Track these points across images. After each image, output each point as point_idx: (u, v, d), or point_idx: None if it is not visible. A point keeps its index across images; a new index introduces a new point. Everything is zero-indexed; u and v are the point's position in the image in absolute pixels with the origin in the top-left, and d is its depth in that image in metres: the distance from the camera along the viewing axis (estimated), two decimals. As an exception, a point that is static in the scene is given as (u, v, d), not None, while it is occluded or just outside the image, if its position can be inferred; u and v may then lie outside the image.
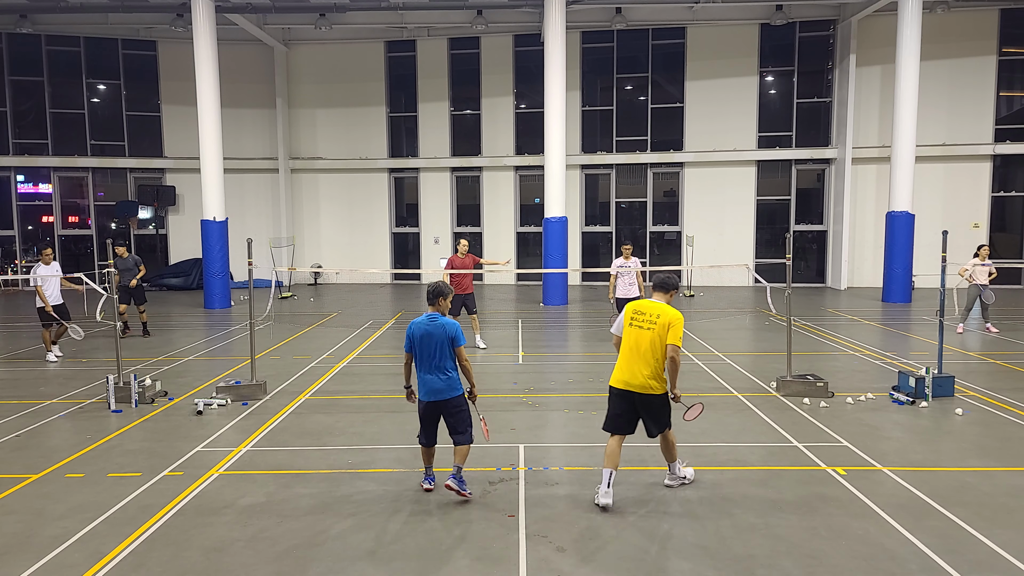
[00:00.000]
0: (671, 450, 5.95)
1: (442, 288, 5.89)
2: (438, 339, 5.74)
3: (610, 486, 5.59)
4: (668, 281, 5.92)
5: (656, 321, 5.63)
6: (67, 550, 4.98)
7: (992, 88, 21.27)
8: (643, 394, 5.67)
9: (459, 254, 12.17)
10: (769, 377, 9.63)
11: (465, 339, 5.93)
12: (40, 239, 24.42)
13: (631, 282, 12.18)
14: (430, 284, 5.93)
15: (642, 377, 5.64)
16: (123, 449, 7.12)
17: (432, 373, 5.79)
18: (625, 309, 5.88)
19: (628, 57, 23.04)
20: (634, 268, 12.13)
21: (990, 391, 9.06)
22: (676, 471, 6.03)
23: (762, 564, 4.70)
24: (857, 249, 22.01)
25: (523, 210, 24.17)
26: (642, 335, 5.66)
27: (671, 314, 5.65)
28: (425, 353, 5.78)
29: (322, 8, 20.77)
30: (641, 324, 5.70)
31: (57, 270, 11.99)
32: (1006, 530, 5.14)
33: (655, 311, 5.69)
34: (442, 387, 5.79)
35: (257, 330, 9.54)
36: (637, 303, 5.84)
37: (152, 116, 24.23)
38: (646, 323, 5.68)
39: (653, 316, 5.66)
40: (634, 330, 5.72)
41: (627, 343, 5.76)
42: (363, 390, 9.58)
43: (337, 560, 4.81)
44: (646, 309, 5.74)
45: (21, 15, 21.61)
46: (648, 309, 5.73)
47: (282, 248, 23.08)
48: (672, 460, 5.99)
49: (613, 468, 5.65)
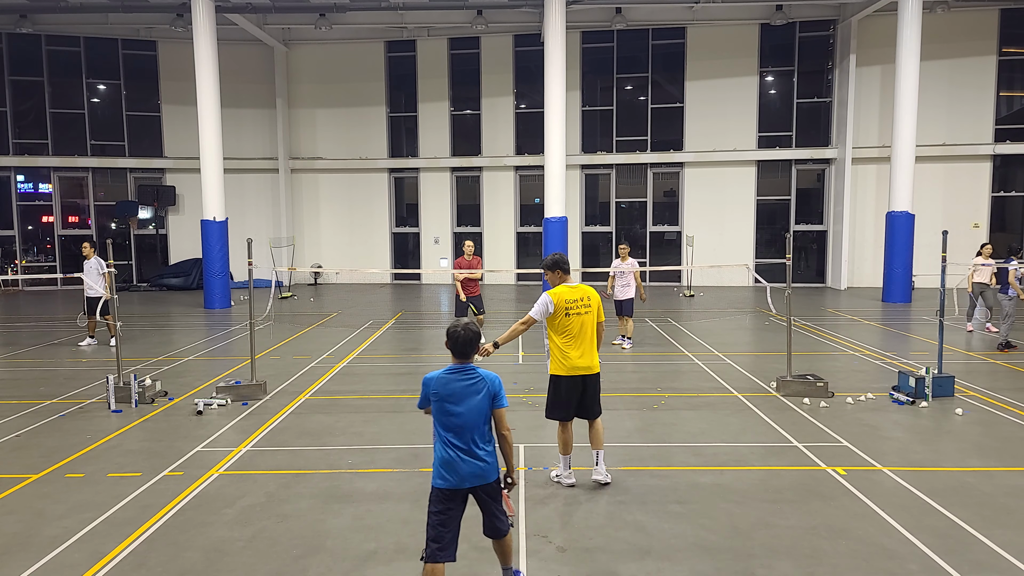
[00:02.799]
0: (601, 436, 6.09)
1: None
2: (474, 402, 4.06)
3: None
4: (562, 262, 6.09)
5: (590, 304, 5.93)
6: (67, 550, 4.97)
7: (992, 88, 21.28)
8: (593, 375, 5.98)
9: (466, 256, 12.18)
10: (769, 377, 9.63)
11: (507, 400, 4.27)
12: (40, 239, 24.44)
13: (626, 283, 12.17)
14: (459, 330, 4.14)
15: (594, 358, 5.98)
16: (123, 449, 7.11)
17: (455, 450, 4.02)
18: (556, 301, 5.88)
19: (628, 57, 23.05)
20: (630, 269, 12.14)
21: (990, 391, 9.05)
22: (602, 462, 6.08)
23: (762, 564, 4.70)
24: (857, 249, 22.01)
25: (523, 210, 24.17)
26: (585, 320, 5.89)
27: (593, 293, 6.01)
28: (451, 420, 4.05)
29: (322, 8, 20.77)
30: (580, 311, 5.88)
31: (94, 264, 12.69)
32: (1006, 530, 5.14)
33: (583, 294, 5.93)
34: (478, 468, 4.04)
35: (257, 330, 9.54)
36: (564, 291, 5.91)
37: (152, 116, 24.24)
38: (583, 308, 5.89)
39: (585, 299, 5.92)
40: (576, 318, 5.87)
41: (574, 331, 5.88)
42: (363, 390, 9.58)
43: (337, 560, 4.81)
44: (576, 295, 5.91)
45: (21, 15, 21.62)
46: (577, 294, 5.91)
47: (282, 248, 23.08)
48: (601, 447, 6.08)
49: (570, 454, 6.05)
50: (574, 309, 5.86)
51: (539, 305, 5.92)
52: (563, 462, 6.04)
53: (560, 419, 6.02)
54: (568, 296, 5.89)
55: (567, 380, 5.94)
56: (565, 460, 6.03)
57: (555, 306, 5.88)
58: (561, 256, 6.15)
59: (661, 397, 8.96)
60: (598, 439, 6.05)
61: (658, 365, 11.00)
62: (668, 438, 7.35)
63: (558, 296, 5.89)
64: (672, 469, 6.45)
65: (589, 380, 5.98)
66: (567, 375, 5.93)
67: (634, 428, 7.65)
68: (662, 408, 8.46)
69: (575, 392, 5.96)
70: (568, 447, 6.02)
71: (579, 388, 5.96)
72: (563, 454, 6.03)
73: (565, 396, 5.97)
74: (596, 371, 6.00)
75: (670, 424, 7.83)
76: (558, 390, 5.99)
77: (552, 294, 5.91)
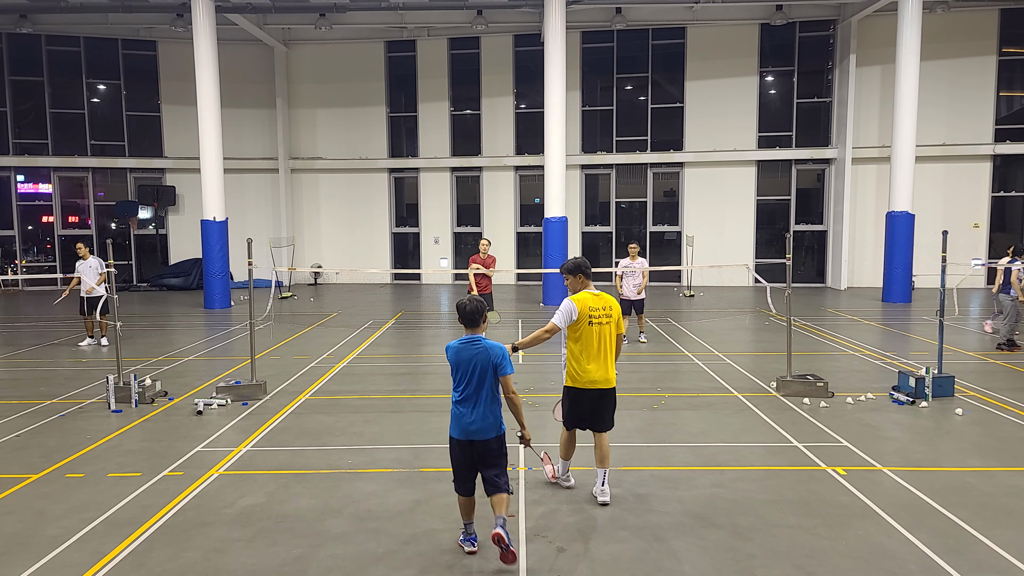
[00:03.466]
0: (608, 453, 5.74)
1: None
2: (480, 365, 4.79)
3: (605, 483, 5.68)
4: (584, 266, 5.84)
5: (611, 314, 5.65)
6: (67, 550, 4.97)
7: (992, 88, 21.29)
8: (609, 388, 5.71)
9: (481, 254, 12.22)
10: (769, 377, 9.63)
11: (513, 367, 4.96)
12: (40, 239, 24.44)
13: (636, 283, 12.16)
14: (465, 302, 4.89)
15: (611, 371, 5.71)
16: (123, 449, 7.11)
17: (467, 406, 4.81)
18: (580, 308, 5.60)
19: (628, 57, 23.05)
20: (639, 269, 12.12)
21: (990, 391, 9.05)
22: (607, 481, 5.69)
23: (762, 564, 4.70)
24: (857, 249, 22.01)
25: (523, 210, 24.17)
26: (604, 331, 5.62)
27: (615, 303, 5.75)
28: (462, 382, 4.84)
29: (322, 8, 20.77)
30: (601, 320, 5.61)
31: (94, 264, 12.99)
32: (1006, 530, 5.14)
33: (604, 303, 5.66)
34: (480, 425, 4.79)
35: (257, 330, 9.54)
36: (587, 297, 5.65)
37: (152, 116, 24.24)
38: (603, 318, 5.62)
39: (607, 308, 5.65)
40: (596, 327, 5.60)
41: (594, 342, 5.61)
42: (363, 390, 9.58)
43: (337, 560, 4.81)
44: (599, 303, 5.64)
45: (21, 15, 21.62)
46: (601, 303, 5.65)
47: (282, 248, 23.08)
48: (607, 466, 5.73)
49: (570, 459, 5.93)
50: (597, 318, 5.59)
51: (563, 312, 5.65)
52: (562, 465, 5.96)
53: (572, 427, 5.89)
54: (592, 304, 5.62)
55: (581, 394, 5.70)
56: (564, 464, 5.95)
57: (579, 313, 5.60)
58: (583, 260, 5.89)
59: (661, 397, 8.95)
60: (603, 457, 5.69)
61: (658, 365, 11.00)
62: (668, 438, 7.35)
63: (582, 303, 5.61)
64: (672, 469, 6.44)
65: (605, 395, 5.72)
66: (583, 388, 5.68)
67: (634, 428, 7.65)
68: (662, 408, 8.46)
69: (587, 405, 5.73)
70: (570, 452, 5.91)
71: (593, 401, 5.71)
72: (564, 459, 5.94)
73: (579, 409, 5.75)
74: (612, 385, 5.74)
75: (670, 424, 7.83)
76: (573, 403, 5.76)
77: (576, 300, 5.63)
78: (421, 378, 10.43)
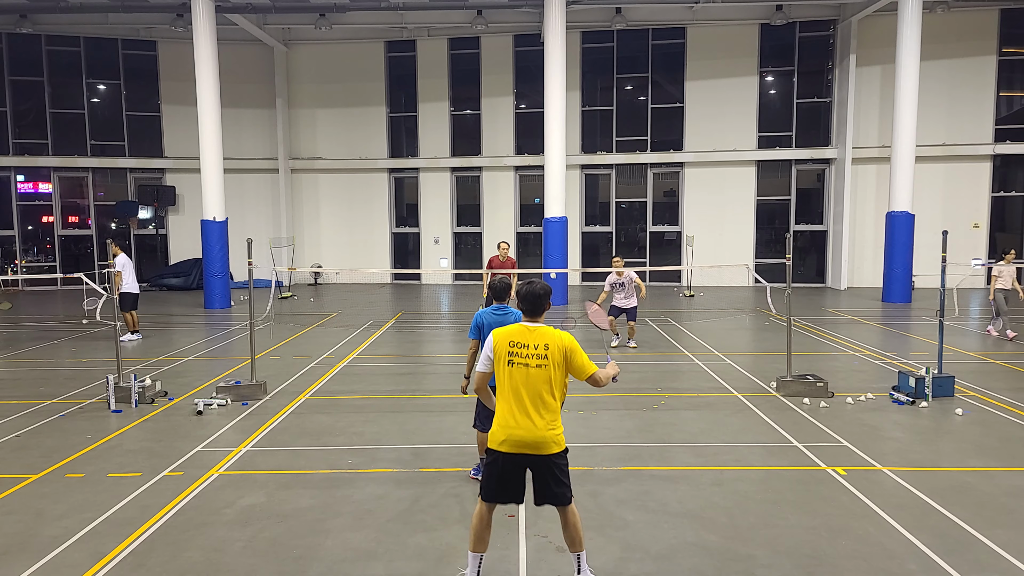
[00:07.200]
0: (579, 532, 4.29)
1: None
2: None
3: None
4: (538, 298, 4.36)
5: (545, 355, 4.13)
6: (67, 550, 4.97)
7: (992, 88, 21.29)
8: (541, 457, 4.13)
9: (499, 256, 12.28)
10: (769, 377, 9.63)
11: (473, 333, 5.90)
12: (40, 239, 24.43)
13: (629, 294, 12.10)
14: (495, 282, 5.90)
15: (543, 430, 4.11)
16: (123, 449, 7.12)
17: None
18: (497, 342, 4.25)
19: (628, 57, 23.05)
20: (628, 281, 12.03)
21: (990, 391, 9.06)
22: (585, 567, 4.32)
23: (762, 564, 4.70)
24: (857, 249, 22.01)
25: (523, 210, 24.17)
26: (531, 375, 4.13)
27: (561, 342, 4.18)
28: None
29: (322, 8, 20.77)
30: (527, 361, 4.14)
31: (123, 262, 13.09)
32: (1006, 530, 5.14)
33: (539, 340, 4.17)
34: None
35: (257, 330, 9.55)
36: (513, 331, 4.26)
37: (152, 116, 24.23)
38: (532, 358, 4.14)
39: (540, 348, 4.15)
40: (519, 369, 4.14)
41: (509, 388, 4.15)
42: (363, 390, 9.59)
43: (337, 560, 4.81)
44: (527, 339, 4.19)
45: (21, 15, 21.62)
46: (530, 339, 4.18)
47: (282, 248, 23.08)
48: (581, 548, 4.31)
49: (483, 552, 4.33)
50: (521, 357, 4.14)
51: (484, 348, 4.39)
52: (470, 562, 4.30)
53: (482, 497, 4.30)
54: (518, 338, 4.19)
55: (499, 457, 4.18)
56: (473, 560, 4.30)
57: (495, 349, 4.24)
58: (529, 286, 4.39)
59: (661, 397, 8.96)
60: (574, 538, 4.26)
61: (658, 365, 11.00)
62: (668, 438, 7.35)
63: (503, 336, 4.24)
64: (672, 469, 6.44)
65: (536, 464, 4.15)
66: (497, 449, 4.17)
67: (634, 428, 7.65)
68: (662, 408, 8.46)
69: (512, 476, 4.19)
70: (481, 542, 4.28)
71: (519, 472, 4.19)
72: (472, 551, 4.31)
73: (496, 476, 4.21)
74: (548, 450, 4.11)
75: (670, 424, 7.83)
76: (489, 468, 4.26)
77: (497, 331, 4.31)
78: (421, 378, 10.43)
